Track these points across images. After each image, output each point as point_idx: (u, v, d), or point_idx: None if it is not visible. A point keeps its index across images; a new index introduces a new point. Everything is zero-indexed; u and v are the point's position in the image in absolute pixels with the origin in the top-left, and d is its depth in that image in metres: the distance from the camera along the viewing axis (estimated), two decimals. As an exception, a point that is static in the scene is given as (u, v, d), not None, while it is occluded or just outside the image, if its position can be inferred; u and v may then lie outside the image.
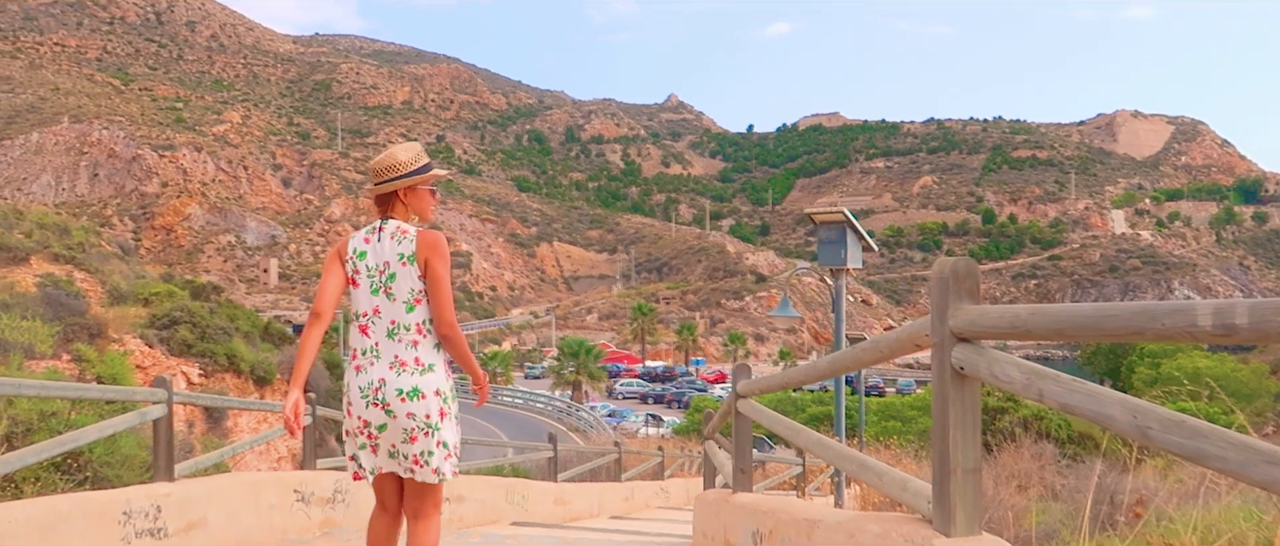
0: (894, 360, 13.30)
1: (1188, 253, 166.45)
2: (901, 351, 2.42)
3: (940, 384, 2.12)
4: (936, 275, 2.13)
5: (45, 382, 4.01)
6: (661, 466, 18.37)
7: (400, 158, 3.68)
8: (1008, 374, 1.90)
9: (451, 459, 3.59)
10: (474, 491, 9.97)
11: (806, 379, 3.21)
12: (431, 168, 3.74)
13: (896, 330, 2.36)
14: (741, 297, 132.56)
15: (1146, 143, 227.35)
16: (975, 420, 2.09)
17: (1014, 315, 1.90)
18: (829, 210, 9.61)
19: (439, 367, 3.54)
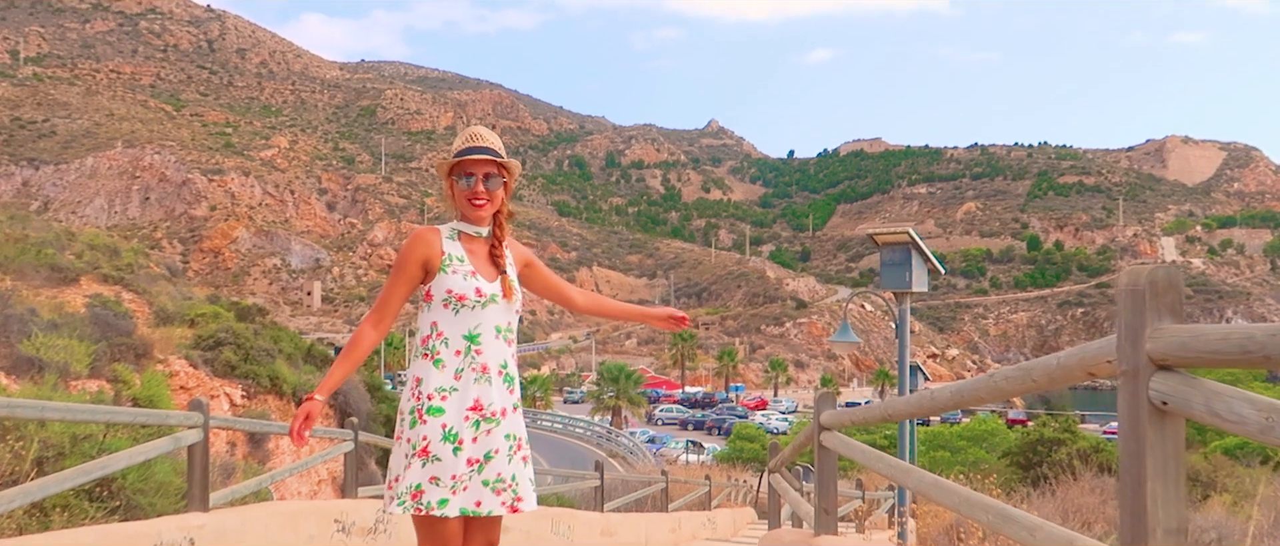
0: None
1: (1241, 281, 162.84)
2: (1066, 380, 2.01)
3: (1134, 423, 1.71)
4: (1128, 287, 1.73)
5: (71, 405, 3.70)
6: (709, 495, 17.88)
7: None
8: (1238, 411, 1.49)
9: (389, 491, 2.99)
10: (518, 520, 9.58)
11: (921, 411, 2.80)
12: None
13: (1061, 355, 1.95)
14: (781, 323, 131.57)
15: (1198, 169, 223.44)
16: (1179, 468, 1.68)
17: (1246, 337, 1.49)
18: (893, 231, 9.18)
19: (409, 381, 3.01)
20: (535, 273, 3.23)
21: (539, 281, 3.27)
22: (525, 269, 3.18)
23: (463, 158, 3.08)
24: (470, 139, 3.13)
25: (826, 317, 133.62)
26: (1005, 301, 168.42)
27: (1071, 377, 1.96)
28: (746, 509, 22.42)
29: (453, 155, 3.14)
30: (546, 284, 3.30)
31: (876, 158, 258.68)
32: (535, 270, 3.23)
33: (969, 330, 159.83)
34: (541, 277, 3.26)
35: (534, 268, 3.23)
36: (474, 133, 3.14)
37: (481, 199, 3.05)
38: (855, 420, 3.54)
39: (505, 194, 3.11)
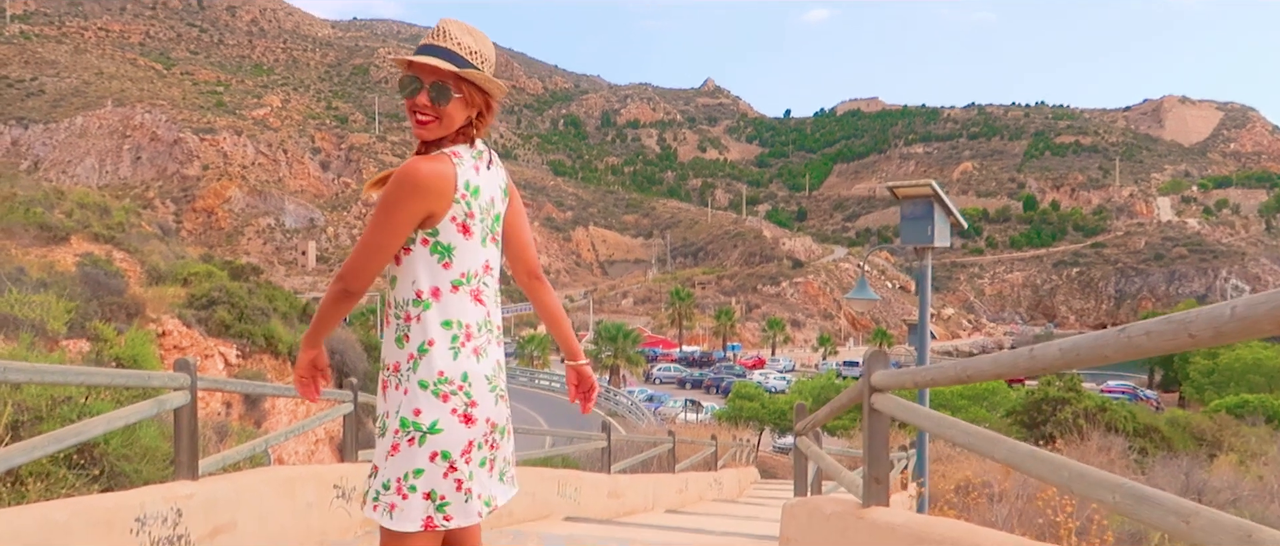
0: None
1: (1236, 241, 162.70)
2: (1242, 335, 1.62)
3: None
4: None
5: (38, 366, 3.30)
6: (715, 456, 17.59)
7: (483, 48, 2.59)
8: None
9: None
10: (524, 483, 9.24)
11: (1015, 371, 2.41)
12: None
13: (1247, 300, 1.55)
14: (778, 283, 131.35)
15: (1194, 129, 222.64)
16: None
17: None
18: (915, 183, 8.76)
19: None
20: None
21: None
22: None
23: (411, 58, 2.53)
24: (432, 36, 2.55)
25: (823, 277, 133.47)
26: (1001, 261, 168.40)
27: (1259, 329, 1.56)
28: (751, 468, 22.20)
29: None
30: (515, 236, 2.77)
31: (873, 117, 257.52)
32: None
33: (964, 290, 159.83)
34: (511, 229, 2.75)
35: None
36: (440, 28, 2.56)
37: (424, 115, 2.52)
38: (919, 381, 3.16)
39: (472, 117, 2.56)
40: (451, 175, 2.47)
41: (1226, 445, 22.77)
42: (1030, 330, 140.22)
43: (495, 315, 2.62)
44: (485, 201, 2.55)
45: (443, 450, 2.41)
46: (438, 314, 2.48)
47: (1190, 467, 14.35)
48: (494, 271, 2.62)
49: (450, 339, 2.47)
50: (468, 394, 2.45)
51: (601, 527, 8.81)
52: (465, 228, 2.50)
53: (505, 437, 2.59)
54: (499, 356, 2.59)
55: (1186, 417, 26.94)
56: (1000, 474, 15.82)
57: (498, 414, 2.53)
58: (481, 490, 2.50)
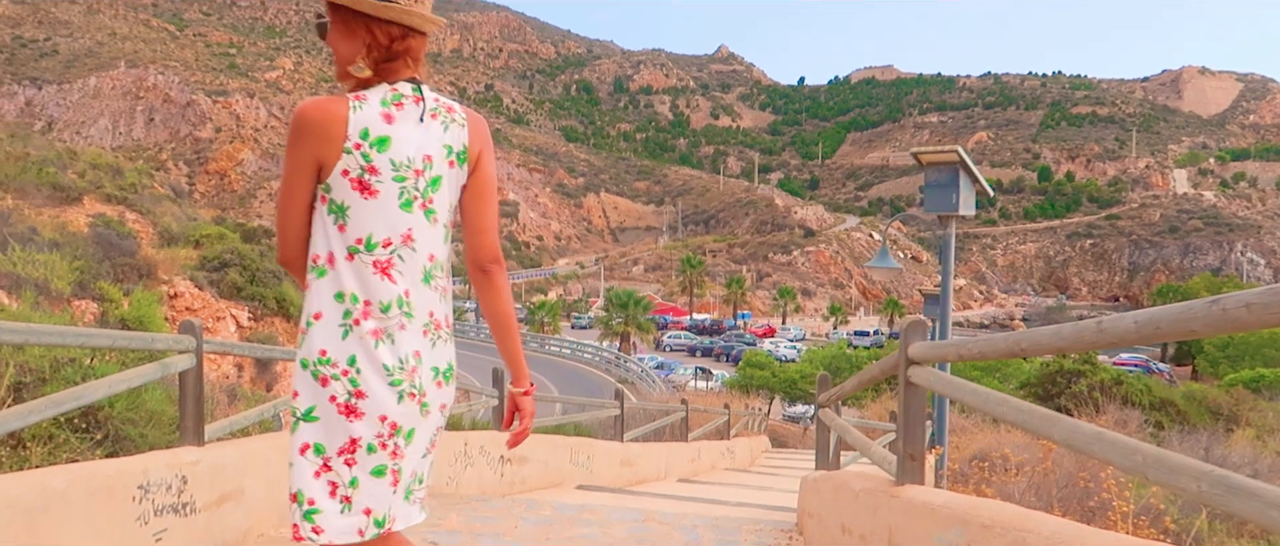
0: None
1: (1253, 214, 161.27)
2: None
3: None
4: None
5: (35, 326, 3.15)
6: (728, 424, 17.49)
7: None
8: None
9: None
10: (537, 451, 9.14)
11: (1078, 345, 2.23)
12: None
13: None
14: (789, 252, 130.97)
15: (1213, 100, 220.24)
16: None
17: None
18: (940, 149, 8.54)
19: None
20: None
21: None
22: None
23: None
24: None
25: (835, 246, 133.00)
26: (1014, 232, 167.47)
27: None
28: (762, 437, 22.13)
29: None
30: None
31: (888, 86, 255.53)
32: None
33: (976, 260, 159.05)
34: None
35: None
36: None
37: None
38: (964, 354, 2.98)
39: (369, 52, 2.17)
40: (340, 118, 2.11)
41: (1243, 419, 22.55)
42: (1042, 302, 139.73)
43: (422, 298, 2.19)
44: (402, 157, 2.13)
45: (315, 443, 2.08)
46: (330, 284, 2.13)
47: (1210, 442, 14.16)
48: (421, 244, 2.19)
49: (341, 314, 2.11)
50: (353, 381, 2.08)
51: (614, 497, 8.70)
52: (363, 184, 2.11)
53: (413, 447, 2.16)
54: (420, 348, 2.16)
55: (1203, 391, 26.70)
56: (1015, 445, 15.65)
57: (403, 415, 2.12)
58: (370, 504, 2.11)
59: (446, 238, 2.25)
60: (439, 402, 2.21)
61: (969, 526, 2.71)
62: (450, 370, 2.25)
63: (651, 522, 6.10)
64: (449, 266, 2.27)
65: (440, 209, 2.21)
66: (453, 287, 2.36)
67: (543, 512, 6.29)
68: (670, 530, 5.78)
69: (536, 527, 5.64)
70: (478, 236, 2.27)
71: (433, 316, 2.19)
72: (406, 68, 2.21)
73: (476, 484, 7.83)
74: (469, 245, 2.28)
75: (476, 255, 2.27)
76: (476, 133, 2.27)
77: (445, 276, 2.25)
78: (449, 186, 2.22)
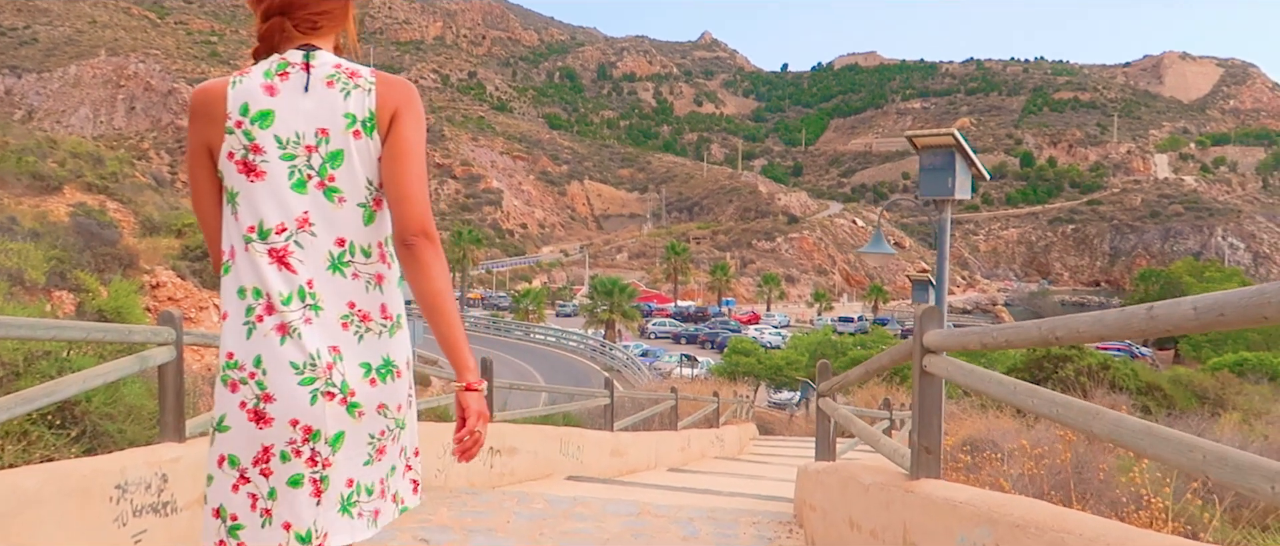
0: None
1: (1232, 199, 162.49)
2: None
3: None
4: None
5: (3, 319, 2.95)
6: (717, 413, 17.37)
7: None
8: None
9: (414, 470, 2.11)
10: (527, 442, 8.98)
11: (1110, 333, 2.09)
12: None
13: None
14: (773, 238, 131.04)
15: (1194, 85, 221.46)
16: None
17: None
18: (935, 133, 8.40)
19: (405, 319, 2.07)
20: None
21: None
22: None
23: None
24: None
25: (818, 232, 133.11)
26: (996, 217, 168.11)
27: None
28: (750, 424, 22.04)
29: None
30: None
31: (871, 72, 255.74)
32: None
33: (959, 246, 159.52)
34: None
35: None
36: None
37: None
38: (987, 342, 2.83)
39: (263, 21, 2.02)
40: (218, 95, 1.95)
41: (1229, 403, 22.60)
42: (1025, 287, 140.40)
43: (333, 287, 1.95)
44: (288, 133, 1.93)
45: (230, 454, 1.90)
46: (232, 280, 1.95)
47: (1201, 427, 14.14)
48: (323, 227, 1.95)
49: (244, 311, 1.93)
50: (260, 383, 1.89)
51: (606, 488, 8.56)
52: (248, 166, 1.93)
53: (344, 453, 1.93)
54: (338, 342, 1.93)
55: (1188, 375, 26.75)
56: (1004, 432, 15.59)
57: (318, 417, 1.89)
58: (289, 517, 1.89)
59: (368, 219, 1.98)
60: (377, 402, 1.95)
61: (997, 525, 2.57)
62: (389, 365, 1.99)
63: (647, 515, 5.96)
64: (385, 251, 2.01)
65: (347, 187, 1.96)
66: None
67: (535, 506, 6.13)
68: (667, 524, 5.64)
69: (530, 522, 5.49)
70: (399, 206, 1.96)
71: (354, 307, 1.96)
72: (297, 32, 1.99)
73: (466, 475, 7.67)
74: (392, 218, 1.99)
75: (399, 228, 1.97)
76: (388, 96, 1.98)
77: (376, 262, 2.00)
78: (358, 161, 1.96)
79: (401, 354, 2.02)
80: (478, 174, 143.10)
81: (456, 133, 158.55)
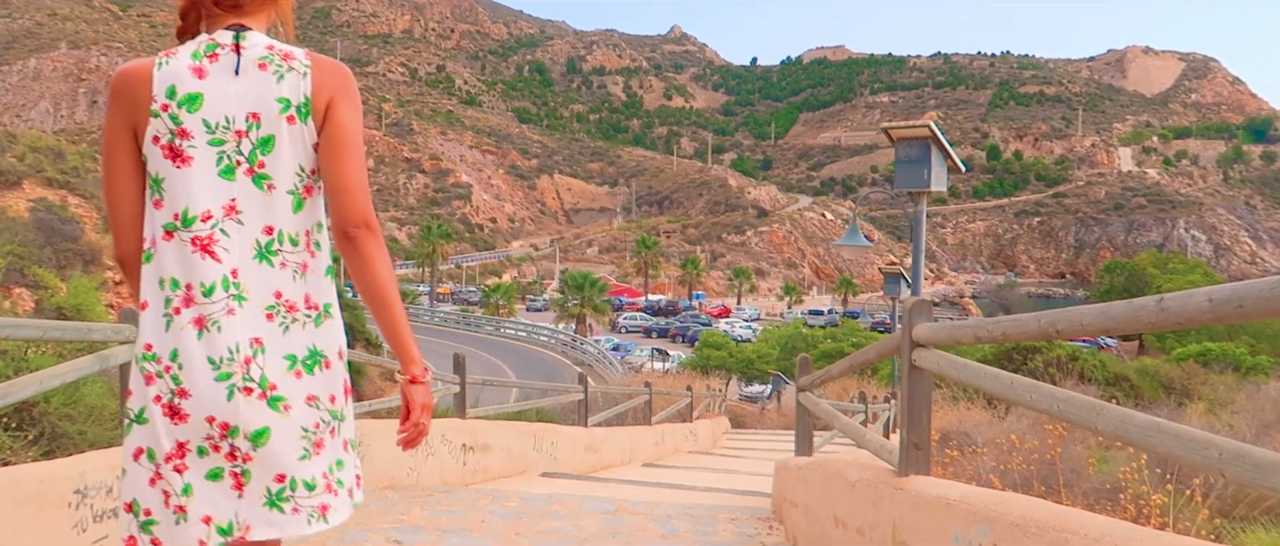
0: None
1: (1194, 191, 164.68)
2: None
3: None
4: None
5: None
6: (690, 407, 17.30)
7: None
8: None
9: (355, 463, 2.03)
10: (500, 438, 8.86)
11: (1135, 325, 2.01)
12: None
13: None
14: (743, 232, 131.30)
15: (1157, 79, 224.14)
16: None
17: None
18: (911, 125, 8.36)
19: (336, 309, 1.99)
20: None
21: None
22: None
23: None
24: None
25: (788, 226, 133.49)
26: (963, 210, 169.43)
27: None
28: (722, 418, 22.00)
29: None
30: None
31: (839, 66, 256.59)
32: None
33: (926, 239, 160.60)
34: None
35: None
36: None
37: None
38: (982, 336, 2.75)
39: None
40: (144, 76, 1.88)
41: (1195, 393, 22.83)
42: (992, 279, 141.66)
43: (259, 277, 1.88)
44: (217, 117, 1.86)
45: (147, 448, 1.85)
46: (153, 269, 1.88)
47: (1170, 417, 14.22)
48: (251, 215, 1.88)
49: (163, 303, 1.86)
50: (175, 378, 1.83)
51: (581, 484, 8.45)
52: (174, 151, 1.85)
53: (270, 449, 1.85)
54: (261, 335, 1.87)
55: (1155, 366, 27.00)
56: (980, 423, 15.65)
57: (233, 414, 1.83)
58: (210, 510, 1.85)
59: (297, 206, 1.92)
60: (305, 394, 1.89)
61: (995, 525, 2.49)
62: (316, 356, 1.91)
63: (624, 513, 5.86)
64: (311, 239, 1.95)
65: (278, 174, 1.89)
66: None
67: (510, 504, 6.02)
68: (645, 521, 5.55)
69: (505, 522, 5.38)
70: (338, 198, 1.91)
71: (281, 298, 1.90)
72: (218, 10, 1.93)
73: (438, 473, 7.54)
74: (330, 209, 1.94)
75: (337, 219, 1.92)
76: (324, 80, 1.93)
77: (302, 251, 1.93)
78: (290, 147, 1.89)
79: (331, 344, 1.95)
80: (447, 168, 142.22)
81: (425, 127, 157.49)
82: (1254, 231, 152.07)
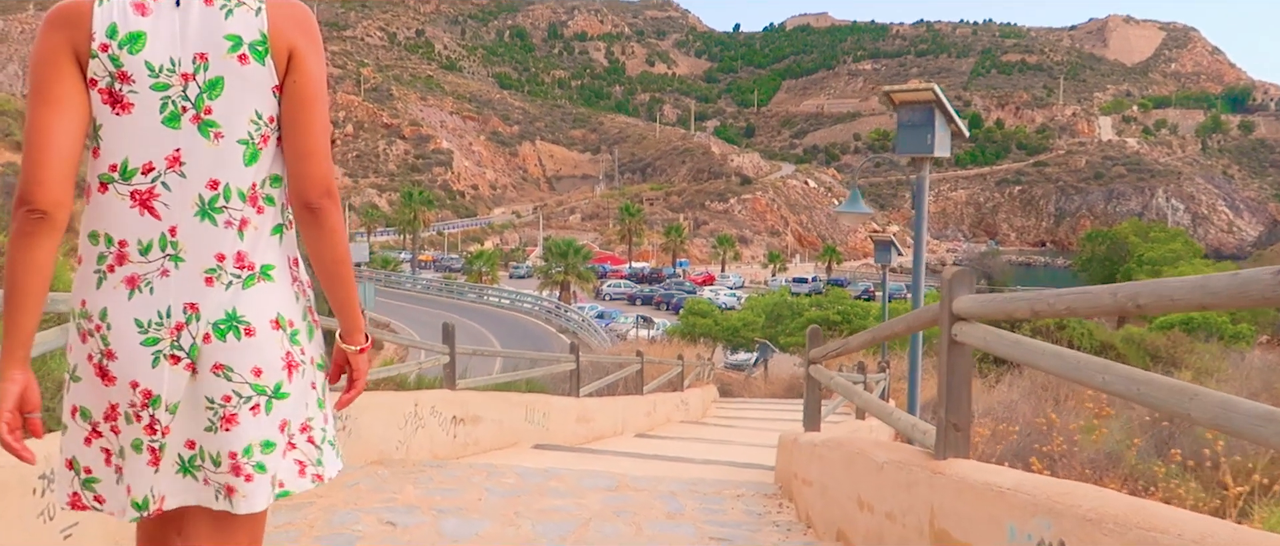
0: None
1: (1173, 161, 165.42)
2: None
3: None
4: None
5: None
6: (681, 376, 17.11)
7: None
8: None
9: (320, 450, 1.84)
10: (491, 410, 8.62)
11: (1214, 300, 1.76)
12: None
13: None
14: (726, 199, 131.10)
15: (1137, 49, 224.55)
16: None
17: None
18: (914, 88, 8.10)
19: (281, 273, 1.79)
20: None
21: None
22: None
23: None
24: None
25: (771, 193, 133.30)
26: (945, 179, 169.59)
27: None
28: (711, 387, 21.86)
29: None
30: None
31: (822, 33, 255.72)
32: None
33: (908, 208, 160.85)
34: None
35: None
36: None
37: None
38: (1044, 310, 2.50)
39: None
40: (82, 12, 1.67)
41: (1181, 362, 22.84)
42: (974, 247, 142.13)
43: (199, 236, 1.71)
44: (161, 59, 1.67)
45: (82, 406, 1.76)
46: (87, 221, 1.74)
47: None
48: (194, 168, 1.69)
49: (96, 258, 1.72)
50: (103, 338, 1.70)
51: (576, 457, 8.23)
52: (113, 95, 1.67)
53: (186, 422, 1.72)
54: (197, 300, 1.70)
55: (1140, 334, 27.04)
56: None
57: (156, 381, 1.68)
58: (131, 481, 1.72)
59: (250, 158, 1.72)
60: (250, 366, 1.72)
61: (1062, 518, 2.25)
62: (234, 321, 1.72)
63: (626, 489, 5.63)
64: (261, 194, 1.75)
65: (226, 121, 1.70)
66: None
67: (506, 481, 5.78)
68: (649, 498, 5.32)
69: (503, 499, 5.13)
70: (299, 163, 1.73)
71: (222, 259, 1.72)
72: None
73: (428, 447, 7.30)
74: (289, 175, 1.75)
75: (299, 187, 1.74)
76: (283, 21, 1.71)
77: (249, 207, 1.73)
78: (240, 90, 1.69)
79: (261, 310, 1.74)
80: (427, 134, 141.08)
81: (405, 92, 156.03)
82: (1231, 201, 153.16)
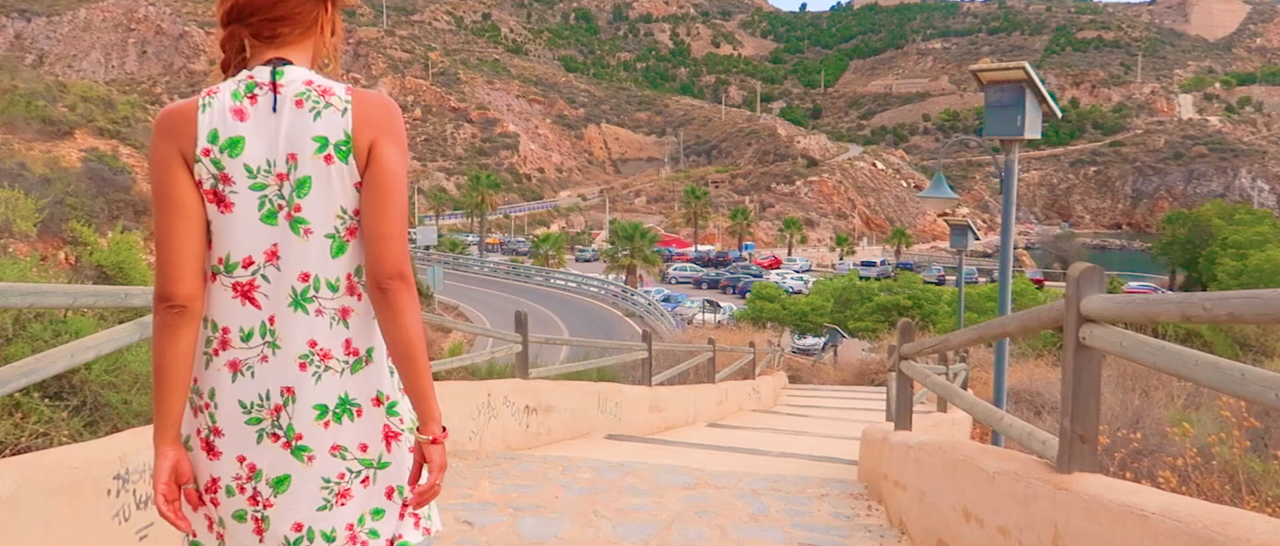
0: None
1: (1258, 140, 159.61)
2: None
3: None
4: None
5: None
6: (753, 364, 16.86)
7: None
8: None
9: (429, 505, 1.95)
10: (564, 399, 8.48)
11: None
12: None
13: None
14: (792, 182, 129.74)
15: (1220, 23, 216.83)
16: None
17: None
18: (1003, 67, 7.73)
19: (380, 352, 1.88)
20: None
21: None
22: None
23: None
24: None
25: (838, 176, 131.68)
26: (1018, 160, 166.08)
27: None
28: (780, 373, 21.57)
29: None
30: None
31: (891, 12, 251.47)
32: None
33: (980, 189, 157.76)
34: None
35: None
36: None
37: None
38: (1194, 314, 2.22)
39: (234, 33, 1.88)
40: (188, 119, 1.78)
41: (1273, 351, 21.91)
42: (1048, 230, 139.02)
43: (294, 325, 1.81)
44: (258, 161, 1.77)
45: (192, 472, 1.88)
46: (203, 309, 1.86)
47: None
48: (289, 262, 1.81)
49: (205, 342, 1.84)
50: (212, 416, 1.82)
51: (649, 449, 8.05)
52: (217, 195, 1.77)
53: (289, 497, 1.82)
54: (293, 384, 1.80)
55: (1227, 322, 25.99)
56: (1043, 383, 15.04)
57: (265, 459, 1.81)
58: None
59: (337, 250, 1.83)
60: (330, 445, 1.84)
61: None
62: (347, 405, 1.84)
63: (705, 487, 5.44)
64: (356, 283, 1.85)
65: (314, 217, 1.80)
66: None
67: (582, 475, 5.62)
68: (730, 498, 5.12)
69: (581, 497, 4.97)
70: (376, 245, 1.80)
71: (315, 346, 1.83)
72: (258, 42, 1.84)
73: (501, 437, 7.18)
74: (366, 256, 1.82)
75: (372, 268, 1.80)
76: (366, 117, 1.81)
77: (342, 295, 1.84)
78: (327, 188, 1.79)
79: (366, 390, 1.87)
80: (493, 118, 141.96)
81: (471, 76, 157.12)
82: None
